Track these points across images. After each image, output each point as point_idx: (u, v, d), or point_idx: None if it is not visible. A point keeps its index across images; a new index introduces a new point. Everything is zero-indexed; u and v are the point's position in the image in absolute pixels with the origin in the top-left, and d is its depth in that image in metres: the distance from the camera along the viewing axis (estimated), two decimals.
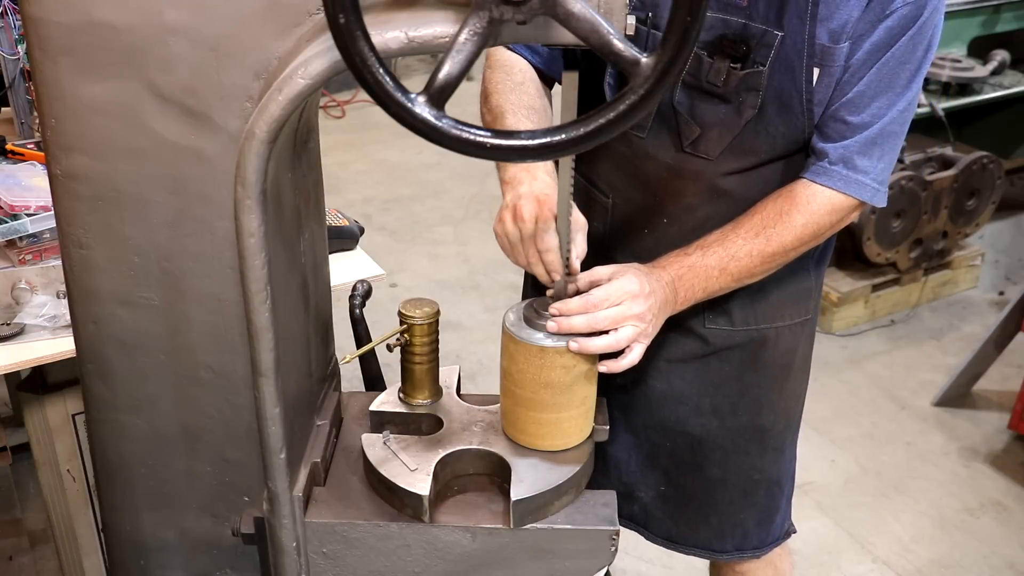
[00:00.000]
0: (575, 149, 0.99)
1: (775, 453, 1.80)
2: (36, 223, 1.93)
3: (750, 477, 1.79)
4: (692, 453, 1.75)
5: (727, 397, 1.71)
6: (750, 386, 1.71)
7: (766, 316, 1.66)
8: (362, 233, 2.22)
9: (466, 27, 0.95)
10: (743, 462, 1.77)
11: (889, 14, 1.39)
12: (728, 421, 1.72)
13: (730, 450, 1.75)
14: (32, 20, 1.07)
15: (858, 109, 1.45)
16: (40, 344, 1.81)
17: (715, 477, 1.77)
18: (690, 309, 1.56)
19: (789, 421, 1.81)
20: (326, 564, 1.31)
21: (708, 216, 1.56)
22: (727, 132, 1.49)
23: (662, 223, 1.61)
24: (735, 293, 1.58)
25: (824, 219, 1.50)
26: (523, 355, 1.29)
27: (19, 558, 2.57)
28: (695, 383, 1.70)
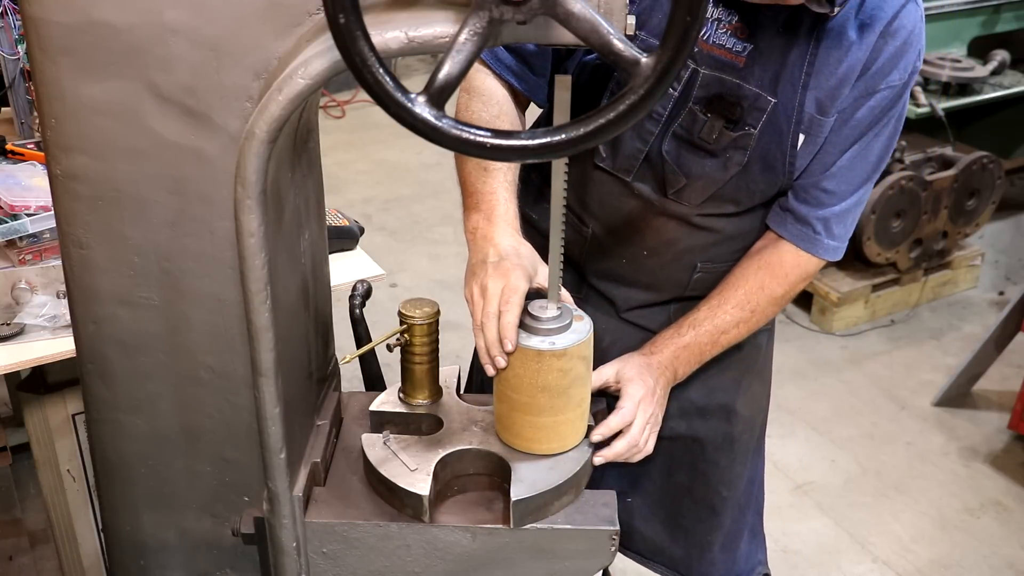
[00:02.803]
0: (574, 149, 0.99)
1: (741, 469, 1.81)
2: (36, 223, 1.93)
3: (718, 492, 1.80)
4: (663, 456, 1.73)
5: (695, 401, 1.73)
6: (717, 390, 1.74)
7: None
8: (362, 233, 2.22)
9: (466, 27, 0.95)
10: (711, 473, 1.78)
11: (872, 94, 1.48)
12: (696, 424, 1.75)
13: (698, 456, 1.77)
14: (32, 20, 1.07)
15: (839, 180, 1.54)
16: (40, 344, 1.81)
17: (681, 484, 1.78)
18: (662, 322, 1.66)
19: (751, 434, 1.83)
20: (326, 564, 1.31)
21: (687, 248, 1.63)
22: (711, 184, 1.55)
23: (642, 254, 1.66)
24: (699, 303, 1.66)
25: (799, 285, 1.65)
26: (519, 360, 1.29)
27: (19, 558, 2.57)
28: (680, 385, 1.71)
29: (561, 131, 0.97)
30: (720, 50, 1.47)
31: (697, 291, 1.67)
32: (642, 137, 1.54)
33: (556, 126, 0.98)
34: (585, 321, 1.33)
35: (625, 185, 1.60)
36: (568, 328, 1.30)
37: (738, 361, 1.73)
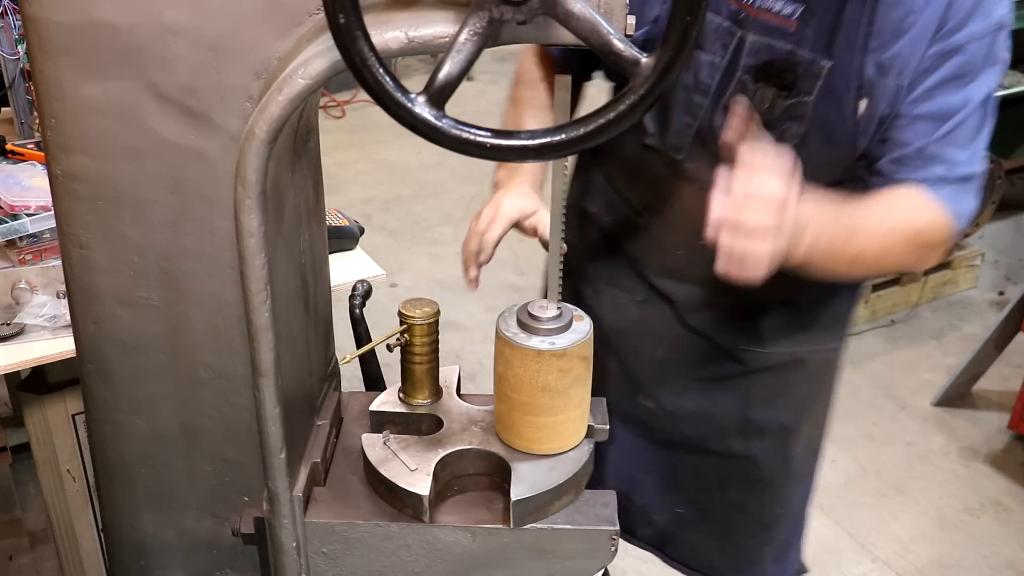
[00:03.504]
0: (574, 149, 0.99)
1: (799, 486, 1.74)
2: (36, 223, 1.93)
3: (772, 510, 1.73)
4: (716, 472, 1.70)
5: (754, 421, 1.66)
6: (779, 410, 1.66)
7: (802, 339, 1.61)
8: (362, 233, 2.23)
9: (466, 27, 0.95)
10: (766, 492, 1.71)
11: (955, 52, 1.33)
12: (755, 444, 1.67)
13: (754, 476, 1.70)
14: (32, 20, 1.07)
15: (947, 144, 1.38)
16: (40, 344, 1.81)
17: (735, 503, 1.72)
18: (726, 329, 1.56)
19: (812, 453, 1.75)
20: (326, 564, 1.31)
21: None
22: None
23: (698, 243, 1.50)
24: (768, 313, 1.56)
25: (929, 238, 1.39)
26: (519, 359, 1.29)
27: (19, 558, 2.57)
28: (724, 403, 1.66)
29: (561, 131, 0.97)
30: (768, 14, 1.36)
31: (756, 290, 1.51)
32: (691, 111, 1.46)
33: (556, 126, 0.98)
34: (585, 321, 1.33)
35: (676, 165, 1.51)
36: (568, 328, 1.30)
37: (806, 381, 1.65)
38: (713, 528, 1.76)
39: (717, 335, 1.59)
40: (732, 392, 1.65)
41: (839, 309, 1.63)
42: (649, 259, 1.64)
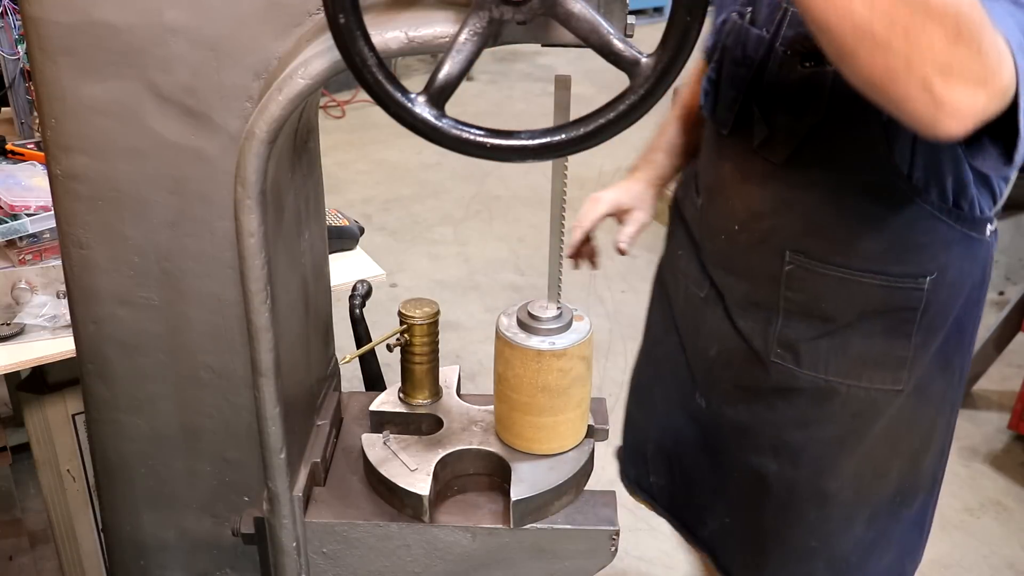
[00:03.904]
0: (574, 149, 0.99)
1: (840, 525, 1.62)
2: (36, 223, 1.93)
3: (806, 543, 1.64)
4: (752, 492, 1.65)
5: (788, 444, 1.58)
6: (812, 440, 1.56)
7: (838, 368, 1.50)
8: (362, 233, 2.22)
9: (466, 27, 0.95)
10: (799, 522, 1.62)
11: None
12: (787, 471, 1.60)
13: (787, 504, 1.62)
14: (32, 20, 1.07)
15: None
16: (40, 344, 1.81)
17: (770, 527, 1.65)
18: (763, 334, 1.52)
19: (863, 496, 1.60)
20: (326, 564, 1.31)
21: (775, 228, 1.48)
22: (792, 136, 1.40)
23: (734, 229, 1.54)
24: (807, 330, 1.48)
25: None
26: (519, 359, 1.29)
27: (19, 558, 2.57)
28: (758, 418, 1.60)
29: (561, 131, 0.97)
30: None
31: (793, 294, 1.48)
32: (736, 85, 1.44)
33: (556, 126, 0.98)
34: (585, 321, 1.33)
35: (722, 140, 1.50)
36: (568, 328, 1.30)
37: (844, 416, 1.53)
38: (751, 547, 1.71)
39: (754, 338, 1.54)
40: (769, 409, 1.58)
41: (895, 351, 1.48)
42: (704, 244, 1.62)
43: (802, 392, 1.54)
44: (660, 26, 0.97)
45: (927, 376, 1.52)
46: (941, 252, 1.43)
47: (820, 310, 1.48)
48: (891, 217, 1.40)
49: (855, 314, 1.46)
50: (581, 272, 1.87)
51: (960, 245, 1.44)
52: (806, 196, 1.44)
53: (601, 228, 1.76)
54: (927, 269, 1.43)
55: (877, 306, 1.45)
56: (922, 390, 1.53)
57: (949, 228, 1.42)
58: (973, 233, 1.45)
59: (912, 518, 1.67)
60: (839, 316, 1.47)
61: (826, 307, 1.47)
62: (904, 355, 1.49)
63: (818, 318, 1.48)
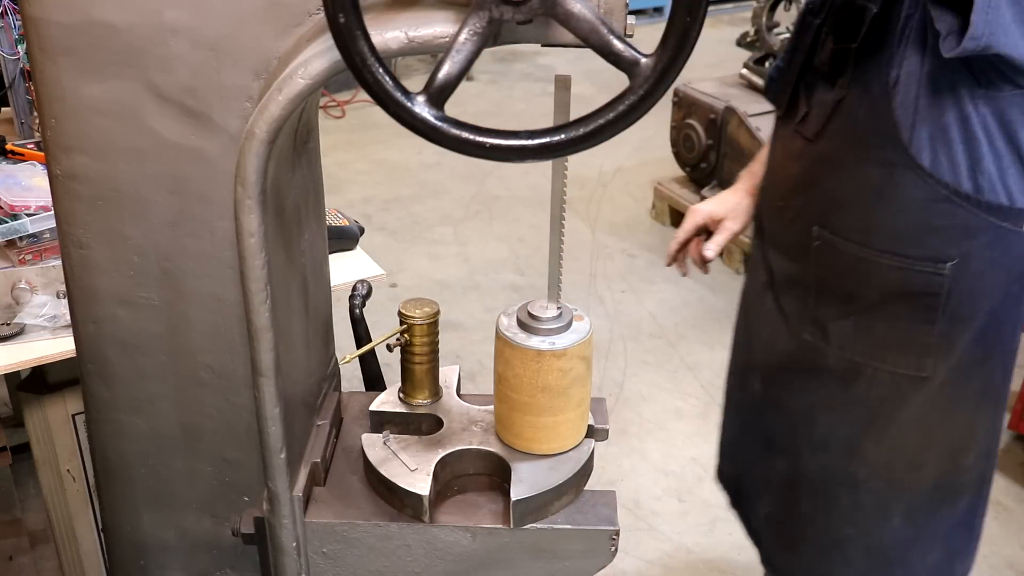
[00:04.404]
0: (574, 149, 0.99)
1: (874, 514, 1.63)
2: (36, 223, 1.93)
3: (841, 530, 1.65)
4: (790, 478, 1.67)
5: (819, 426, 1.61)
6: (841, 421, 1.59)
7: (863, 349, 1.52)
8: (362, 233, 2.23)
9: (466, 27, 0.95)
10: (833, 508, 1.64)
11: None
12: (819, 454, 1.62)
13: (820, 489, 1.65)
14: (32, 20, 1.07)
15: None
16: (40, 344, 1.81)
17: (806, 513, 1.67)
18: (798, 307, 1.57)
19: (896, 486, 1.61)
20: (326, 564, 1.31)
21: (806, 204, 1.53)
22: (822, 113, 1.46)
23: (779, 206, 1.61)
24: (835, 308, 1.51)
25: None
26: (519, 359, 1.29)
27: (19, 558, 2.57)
28: (795, 397, 1.63)
29: (560, 131, 0.97)
30: None
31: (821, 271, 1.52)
32: (791, 68, 1.52)
33: (555, 126, 0.98)
34: (585, 321, 1.33)
35: (777, 123, 1.58)
36: (568, 328, 1.30)
37: (871, 400, 1.55)
38: (789, 535, 1.72)
39: (792, 317, 1.58)
40: (802, 390, 1.62)
41: (918, 336, 1.49)
42: (763, 225, 1.68)
43: (830, 372, 1.56)
44: (660, 26, 0.97)
45: (960, 368, 1.51)
46: (962, 239, 1.42)
47: (845, 289, 1.50)
48: (906, 198, 1.41)
49: (877, 295, 1.48)
50: (581, 272, 1.89)
51: (987, 235, 1.42)
52: (831, 173, 1.48)
53: (600, 228, 1.77)
54: (947, 255, 1.43)
55: (897, 288, 1.47)
56: (955, 383, 1.52)
57: (970, 215, 1.40)
58: (1006, 224, 1.42)
59: (958, 519, 1.67)
60: (863, 296, 1.50)
61: (850, 286, 1.50)
62: (928, 341, 1.48)
63: (844, 297, 1.51)
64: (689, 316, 3.90)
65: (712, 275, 2.12)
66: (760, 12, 4.37)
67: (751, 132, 4.07)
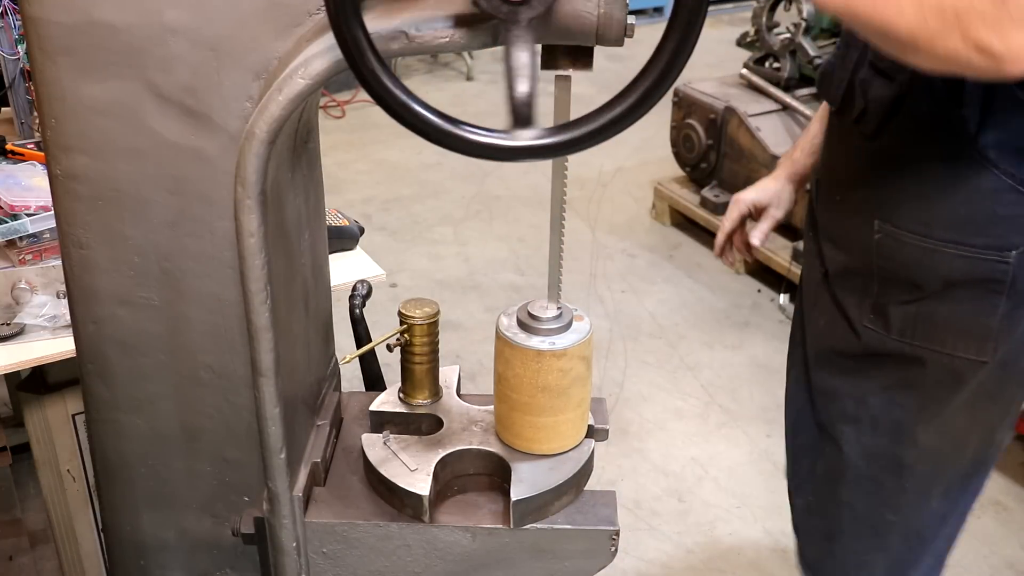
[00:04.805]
0: (574, 149, 0.99)
1: (917, 498, 1.64)
2: (36, 223, 1.93)
3: (882, 515, 1.66)
4: (832, 465, 1.67)
5: (870, 408, 1.61)
6: (893, 405, 1.59)
7: (926, 334, 1.53)
8: (362, 233, 2.22)
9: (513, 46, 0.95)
10: (875, 493, 1.65)
11: None
12: (865, 437, 1.63)
13: (863, 473, 1.65)
14: (32, 20, 1.07)
15: None
16: (40, 344, 1.81)
17: (844, 499, 1.68)
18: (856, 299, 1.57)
19: (940, 468, 1.63)
20: (326, 564, 1.31)
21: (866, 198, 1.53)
22: (881, 109, 1.46)
23: (835, 200, 1.62)
24: (897, 297, 1.52)
25: None
26: (519, 359, 1.29)
27: (19, 558, 2.57)
28: (847, 385, 1.64)
29: (561, 131, 0.97)
30: None
31: (884, 263, 1.52)
32: (846, 65, 1.52)
33: (555, 126, 0.98)
34: (585, 321, 1.33)
35: (832, 118, 1.59)
36: (568, 328, 1.30)
37: (927, 385, 1.55)
38: (826, 523, 1.73)
39: (850, 308, 1.59)
40: (856, 375, 1.62)
41: (981, 319, 1.49)
42: (819, 219, 1.69)
43: (889, 358, 1.57)
44: (660, 26, 0.97)
45: (1014, 350, 1.53)
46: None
47: (908, 278, 1.51)
48: (970, 188, 1.42)
49: (941, 283, 1.49)
50: (581, 272, 1.89)
51: None
52: (893, 168, 1.49)
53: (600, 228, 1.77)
54: (1012, 243, 1.44)
55: (961, 276, 1.47)
56: (1007, 364, 1.54)
57: None
58: None
59: (977, 488, 1.70)
60: (926, 284, 1.50)
61: (913, 276, 1.51)
62: (990, 325, 1.50)
63: (907, 286, 1.52)
64: (689, 316, 3.90)
65: (712, 275, 2.13)
66: (760, 12, 4.36)
67: (751, 132, 4.07)
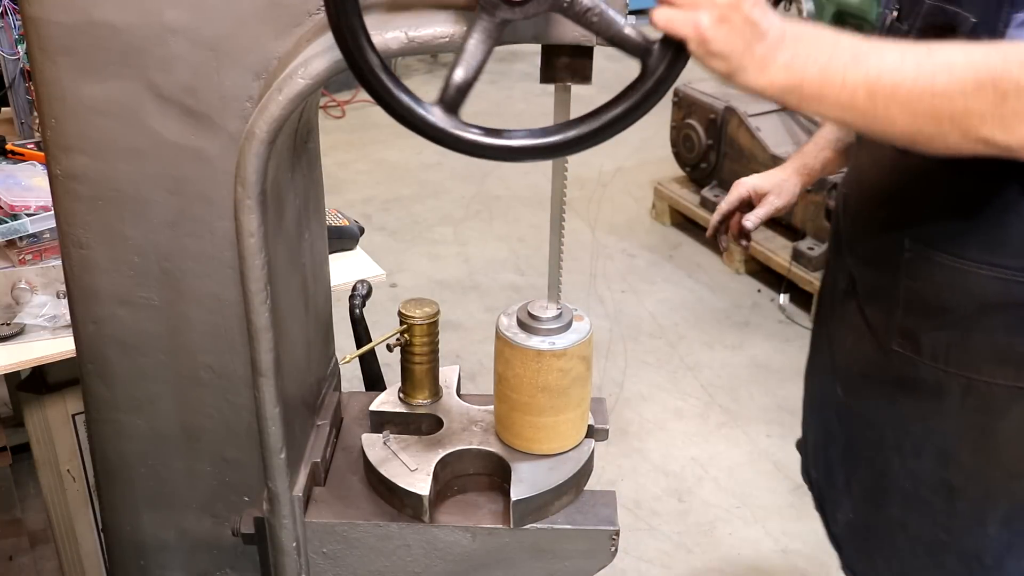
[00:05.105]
0: (574, 149, 0.99)
1: (970, 521, 1.56)
2: (36, 223, 1.93)
3: (935, 534, 1.59)
4: (877, 486, 1.61)
5: (910, 435, 1.55)
6: (934, 431, 1.53)
7: (959, 360, 1.46)
8: (362, 233, 2.22)
9: (474, 31, 0.95)
10: (927, 512, 1.58)
11: None
12: (910, 462, 1.56)
13: (912, 495, 1.58)
14: (32, 20, 1.07)
15: None
16: (40, 344, 1.81)
17: (895, 519, 1.61)
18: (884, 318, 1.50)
19: (993, 494, 1.53)
20: (326, 564, 1.31)
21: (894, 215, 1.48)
22: None
23: (864, 215, 1.57)
24: (927, 320, 1.46)
25: None
26: (519, 359, 1.29)
27: (19, 558, 2.57)
28: (880, 408, 1.58)
29: (561, 131, 0.97)
30: None
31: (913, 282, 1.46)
32: None
33: (555, 126, 0.98)
34: (585, 321, 1.33)
35: None
36: (568, 328, 1.30)
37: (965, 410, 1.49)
38: (875, 545, 1.67)
39: (879, 327, 1.53)
40: (891, 401, 1.56)
41: (1017, 345, 1.42)
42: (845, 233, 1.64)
43: (922, 383, 1.51)
44: None
45: None
46: None
47: (939, 300, 1.46)
48: (1006, 208, 1.37)
49: (974, 306, 1.43)
50: (581, 272, 1.88)
51: None
52: (925, 184, 1.44)
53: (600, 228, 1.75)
54: None
55: (996, 299, 1.42)
56: None
57: None
58: None
59: None
60: (958, 307, 1.45)
61: (945, 297, 1.45)
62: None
63: (937, 308, 1.46)
64: (689, 316, 3.90)
65: (712, 275, 2.12)
66: None
67: (751, 132, 4.07)
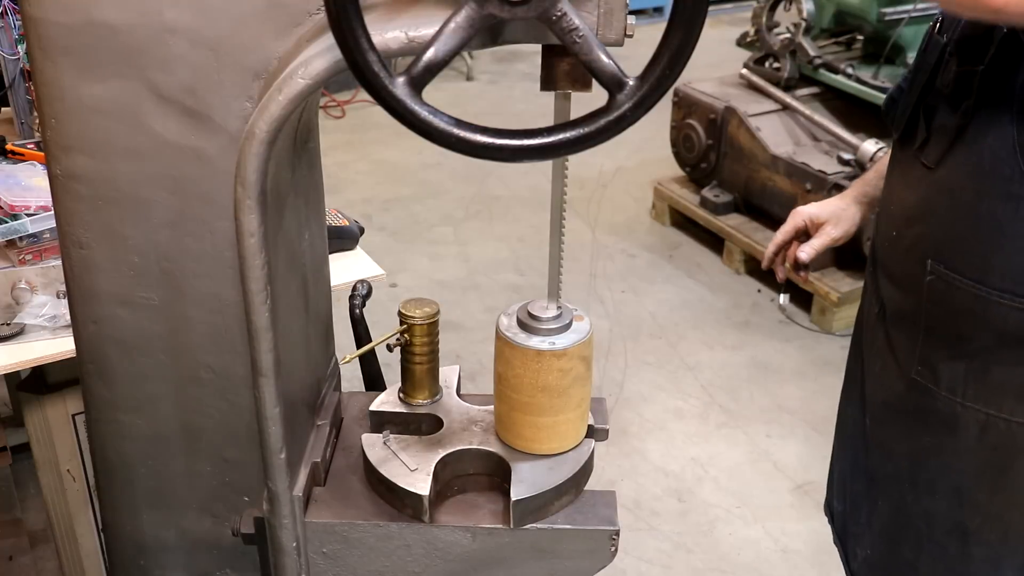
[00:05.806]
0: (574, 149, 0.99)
1: (985, 566, 1.51)
2: (36, 223, 1.93)
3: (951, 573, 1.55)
4: (893, 523, 1.58)
5: (926, 470, 1.50)
6: (950, 468, 1.48)
7: (976, 394, 1.42)
8: (362, 233, 2.22)
9: (459, 15, 0.94)
10: (940, 556, 1.53)
11: None
12: (924, 500, 1.51)
13: (925, 535, 1.54)
14: (32, 20, 1.07)
15: None
16: (40, 344, 1.81)
17: (907, 560, 1.58)
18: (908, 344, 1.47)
19: (1012, 540, 1.48)
20: (326, 564, 1.31)
21: (920, 234, 1.45)
22: (943, 139, 1.37)
23: (893, 235, 1.51)
24: (945, 348, 1.43)
25: None
26: (519, 359, 1.29)
27: (19, 558, 2.57)
28: (901, 439, 1.55)
29: (561, 131, 0.97)
30: None
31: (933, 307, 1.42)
32: (913, 90, 1.45)
33: (554, 125, 0.98)
34: (585, 321, 1.33)
35: (895, 146, 1.52)
36: (568, 328, 1.30)
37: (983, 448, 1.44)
38: None
39: (902, 353, 1.49)
40: (910, 433, 1.52)
41: None
42: (877, 254, 1.60)
43: (938, 415, 1.47)
44: (660, 26, 0.97)
45: None
46: None
47: (959, 328, 1.42)
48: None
49: (994, 337, 1.39)
50: (581, 272, 1.87)
51: None
52: (950, 204, 1.39)
53: (600, 228, 1.74)
54: None
55: (1016, 331, 1.36)
56: None
57: None
58: None
59: None
60: (977, 337, 1.40)
61: (964, 326, 1.41)
62: None
63: (957, 337, 1.42)
64: (689, 316, 3.90)
65: (712, 275, 2.12)
66: (760, 12, 4.37)
67: (751, 132, 4.07)
